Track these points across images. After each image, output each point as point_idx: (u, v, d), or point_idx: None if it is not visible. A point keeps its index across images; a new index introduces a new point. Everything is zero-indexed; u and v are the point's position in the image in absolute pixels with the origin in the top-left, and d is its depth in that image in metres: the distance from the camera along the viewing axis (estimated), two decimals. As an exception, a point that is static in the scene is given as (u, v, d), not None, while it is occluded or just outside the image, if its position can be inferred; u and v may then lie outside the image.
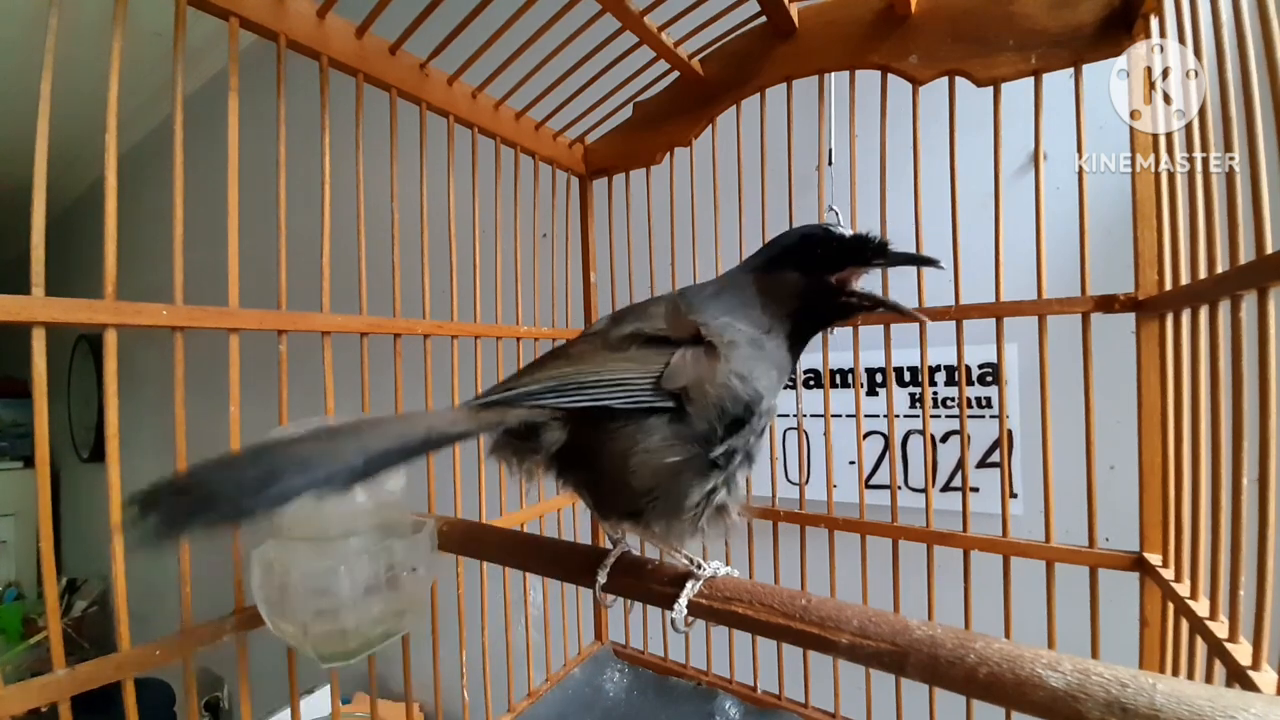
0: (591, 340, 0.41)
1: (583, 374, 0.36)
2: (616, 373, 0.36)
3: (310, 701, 1.25)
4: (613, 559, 0.43)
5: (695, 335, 0.38)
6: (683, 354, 0.37)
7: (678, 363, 0.36)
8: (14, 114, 2.10)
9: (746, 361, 0.38)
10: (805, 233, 0.42)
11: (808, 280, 0.41)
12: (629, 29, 0.64)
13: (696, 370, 0.36)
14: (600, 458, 0.36)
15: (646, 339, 0.38)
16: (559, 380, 0.36)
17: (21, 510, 3.32)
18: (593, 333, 0.42)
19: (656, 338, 0.38)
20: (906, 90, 0.62)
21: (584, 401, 0.35)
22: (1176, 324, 0.47)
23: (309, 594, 0.41)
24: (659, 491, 0.36)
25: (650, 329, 0.39)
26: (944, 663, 0.29)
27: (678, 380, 0.35)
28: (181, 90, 0.48)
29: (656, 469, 0.35)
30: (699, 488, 0.36)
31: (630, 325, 0.40)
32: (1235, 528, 0.36)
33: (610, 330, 0.40)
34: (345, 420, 0.33)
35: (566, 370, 0.36)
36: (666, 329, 0.39)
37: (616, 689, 0.83)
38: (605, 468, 0.36)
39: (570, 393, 0.35)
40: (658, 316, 0.40)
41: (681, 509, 0.36)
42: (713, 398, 0.36)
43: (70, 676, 0.40)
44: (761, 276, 0.43)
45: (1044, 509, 0.57)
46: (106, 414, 0.45)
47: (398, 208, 0.66)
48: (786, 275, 0.42)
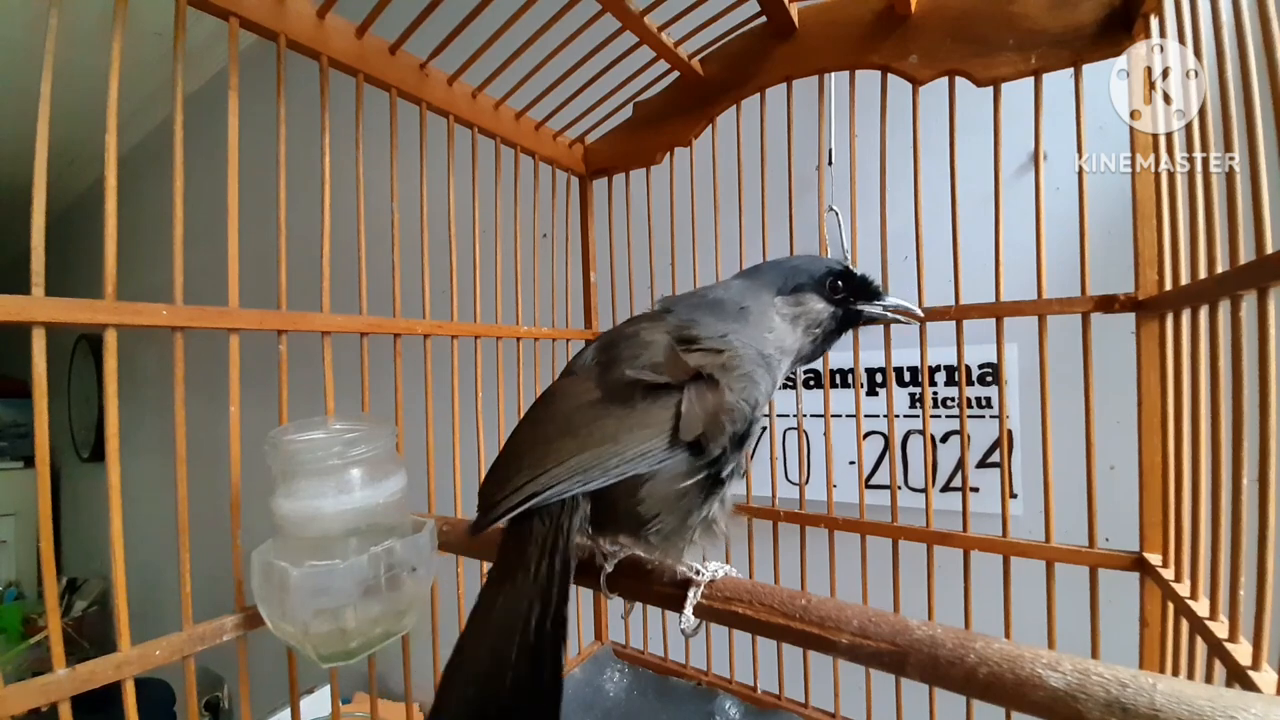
0: (584, 386, 0.39)
1: (602, 458, 0.35)
2: (634, 443, 0.36)
3: (310, 701, 1.25)
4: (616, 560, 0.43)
5: (694, 374, 0.38)
6: (688, 398, 0.37)
7: (689, 411, 0.36)
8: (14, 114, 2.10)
9: (745, 382, 0.39)
10: (831, 268, 0.46)
11: (834, 310, 0.45)
12: (629, 29, 0.64)
13: (704, 409, 0.36)
14: (611, 495, 0.36)
15: (647, 388, 0.37)
16: (581, 469, 0.35)
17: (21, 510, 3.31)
18: (583, 370, 0.41)
19: (658, 385, 0.38)
20: (906, 90, 0.62)
21: (611, 480, 0.35)
22: (1176, 324, 0.47)
23: (309, 594, 0.41)
24: (665, 516, 0.37)
25: (650, 378, 0.38)
26: (944, 663, 0.29)
27: (695, 429, 0.36)
28: (181, 90, 0.48)
29: (665, 497, 0.36)
30: (702, 507, 0.37)
31: (628, 368, 0.38)
32: (1235, 528, 0.36)
33: (606, 371, 0.39)
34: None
35: (585, 458, 0.35)
36: (665, 374, 0.38)
37: (616, 689, 0.83)
38: (616, 503, 0.36)
39: (597, 478, 0.35)
40: (654, 352, 0.39)
41: (684, 528, 0.37)
42: (725, 425, 0.37)
43: (70, 676, 0.40)
44: (788, 300, 0.45)
45: (1044, 509, 0.56)
46: (106, 414, 0.45)
47: (398, 208, 0.66)
48: (814, 304, 0.45)
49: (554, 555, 0.34)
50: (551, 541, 0.34)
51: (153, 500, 1.59)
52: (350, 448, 0.44)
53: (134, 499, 0.53)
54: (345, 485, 0.44)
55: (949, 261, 0.61)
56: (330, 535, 0.43)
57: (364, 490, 0.45)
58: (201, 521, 0.51)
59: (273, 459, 0.44)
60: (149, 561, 1.93)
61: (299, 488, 0.44)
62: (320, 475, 0.44)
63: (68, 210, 3.24)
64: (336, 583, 0.42)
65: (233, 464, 0.51)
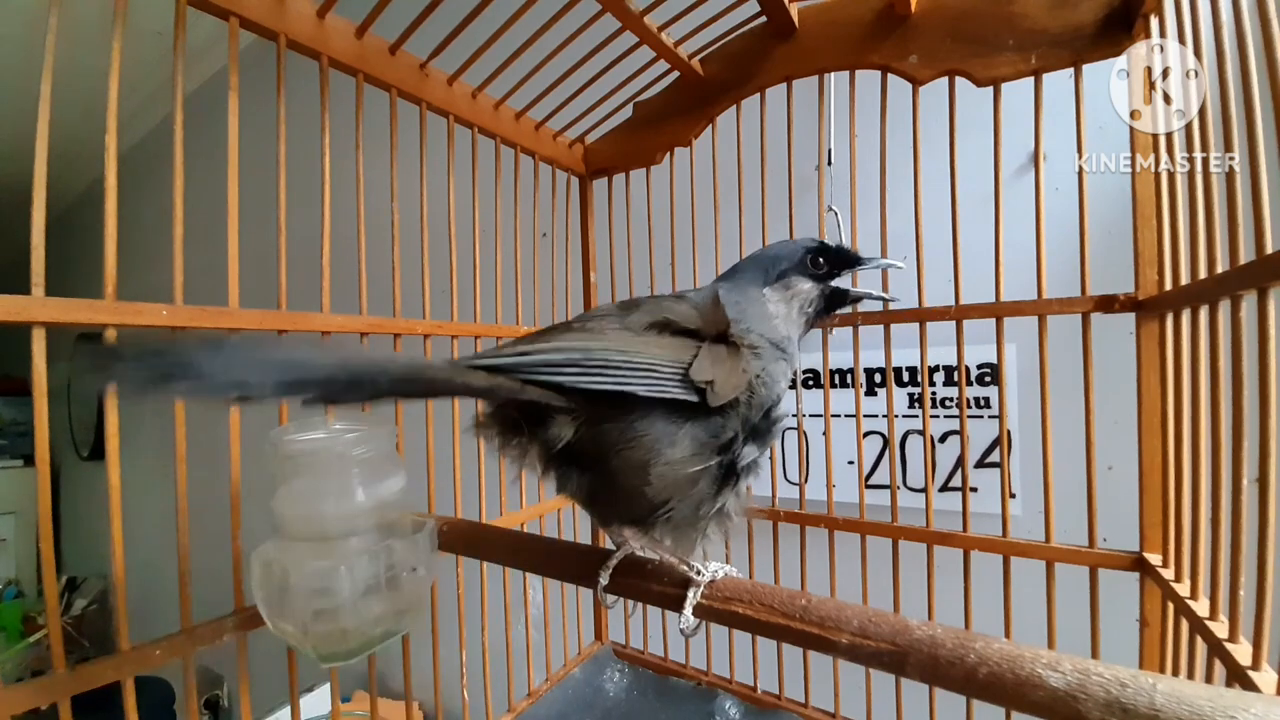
0: (605, 320, 0.38)
1: (609, 352, 0.33)
2: (647, 356, 0.34)
3: (310, 700, 1.26)
4: (616, 560, 0.43)
5: (723, 333, 0.38)
6: (710, 348, 0.36)
7: (705, 356, 0.35)
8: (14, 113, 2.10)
9: (769, 366, 0.38)
10: (807, 246, 0.46)
11: (822, 287, 0.45)
12: (629, 29, 0.64)
13: (724, 367, 0.35)
14: (615, 464, 0.34)
15: (675, 330, 0.37)
16: (583, 354, 0.33)
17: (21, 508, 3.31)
18: (601, 315, 0.40)
19: (685, 330, 0.37)
20: (906, 90, 0.62)
21: (608, 384, 0.32)
22: (1176, 324, 0.47)
23: (309, 594, 0.41)
24: (675, 502, 0.35)
25: (681, 321, 0.37)
26: (944, 663, 0.29)
27: (706, 373, 0.34)
28: (181, 90, 0.48)
29: (677, 480, 0.34)
30: (714, 497, 0.36)
31: (651, 315, 0.38)
32: (1235, 528, 0.36)
33: (627, 317, 0.38)
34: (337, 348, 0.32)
35: (591, 345, 0.33)
36: (698, 323, 0.38)
37: (616, 689, 0.83)
38: (619, 477, 0.34)
39: (594, 371, 0.32)
40: (685, 310, 0.39)
41: (695, 518, 0.36)
42: (741, 399, 0.36)
43: (70, 676, 0.40)
44: (776, 288, 0.45)
45: (1044, 509, 0.57)
46: (106, 413, 0.45)
47: (398, 208, 0.66)
48: (801, 284, 0.45)
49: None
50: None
51: (153, 500, 1.59)
52: (350, 448, 0.44)
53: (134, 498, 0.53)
54: (345, 485, 0.44)
55: (949, 261, 0.61)
56: (330, 535, 0.44)
57: (364, 490, 0.45)
58: (201, 521, 0.51)
59: (273, 459, 0.44)
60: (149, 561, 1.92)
61: (299, 488, 0.44)
62: (320, 475, 0.44)
63: (68, 210, 3.24)
64: (336, 583, 0.42)
65: (233, 464, 0.51)
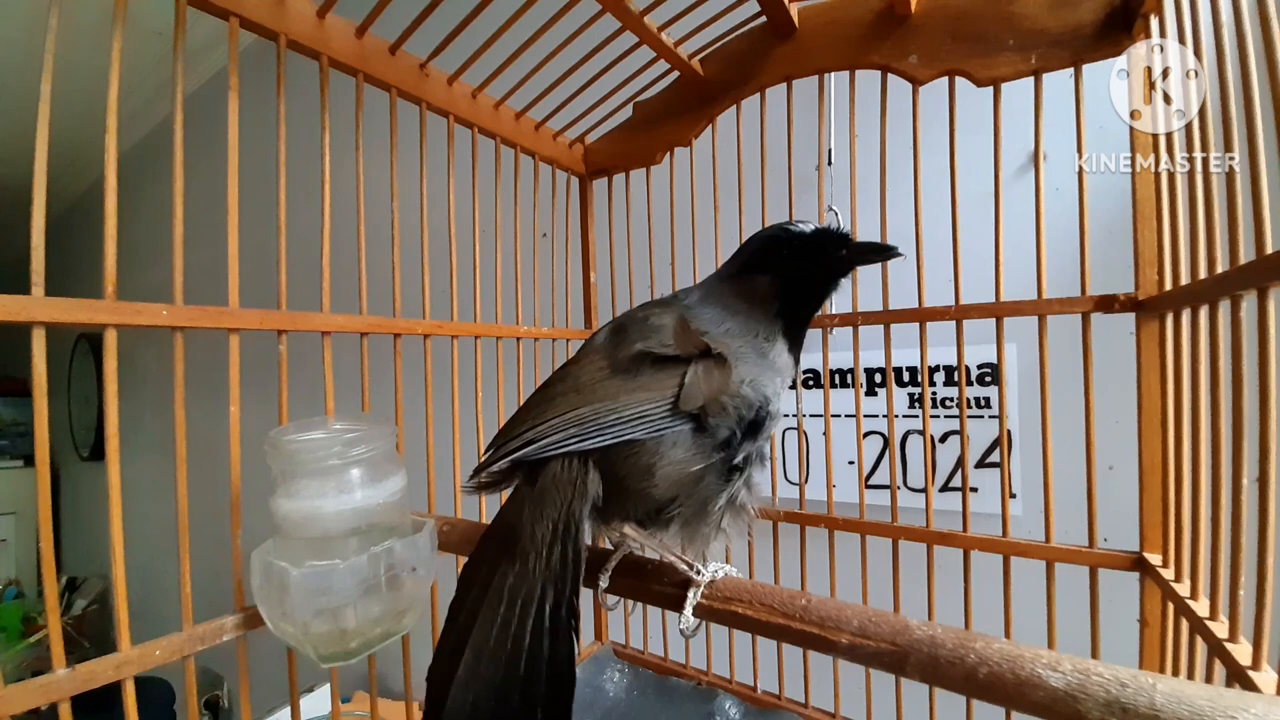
0: (595, 360, 0.41)
1: (600, 413, 0.36)
2: (633, 405, 0.36)
3: (310, 700, 1.26)
4: (615, 561, 0.43)
5: (704, 350, 0.39)
6: (694, 371, 0.37)
7: (691, 382, 0.37)
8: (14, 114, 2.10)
9: (753, 368, 0.39)
10: (768, 235, 0.44)
11: (781, 281, 0.43)
12: (629, 29, 0.64)
13: (710, 385, 0.37)
14: (622, 471, 0.36)
15: (655, 359, 0.39)
16: (579, 422, 0.36)
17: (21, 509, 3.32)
18: (595, 349, 0.42)
19: (665, 357, 0.39)
20: (906, 90, 0.62)
21: (608, 440, 0.36)
22: (1176, 324, 0.47)
23: (309, 594, 0.41)
24: (683, 499, 0.37)
25: (659, 349, 0.39)
26: (944, 663, 0.29)
27: (695, 400, 0.36)
28: (181, 90, 0.48)
29: (680, 479, 0.36)
30: (722, 491, 0.37)
31: (636, 343, 0.40)
32: (1235, 528, 0.36)
33: (615, 349, 0.40)
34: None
35: (584, 411, 0.37)
36: (674, 347, 0.39)
37: (616, 689, 0.83)
38: (627, 481, 0.37)
39: (593, 434, 0.36)
40: (663, 331, 0.40)
41: (707, 513, 0.37)
42: (730, 407, 0.37)
43: (70, 676, 0.40)
44: (736, 284, 0.44)
45: (1044, 509, 0.56)
46: (106, 413, 0.45)
47: (398, 208, 0.66)
48: (759, 279, 0.43)
49: (566, 542, 0.34)
50: (564, 525, 0.34)
51: (153, 500, 1.59)
52: (350, 448, 0.44)
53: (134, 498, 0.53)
54: (345, 485, 0.44)
55: (949, 261, 0.61)
56: (330, 535, 0.43)
57: (364, 490, 0.45)
58: (201, 521, 0.51)
59: (273, 459, 0.44)
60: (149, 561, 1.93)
61: (299, 488, 0.44)
62: (320, 475, 0.44)
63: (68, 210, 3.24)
64: (336, 583, 0.42)
65: (233, 464, 0.51)
